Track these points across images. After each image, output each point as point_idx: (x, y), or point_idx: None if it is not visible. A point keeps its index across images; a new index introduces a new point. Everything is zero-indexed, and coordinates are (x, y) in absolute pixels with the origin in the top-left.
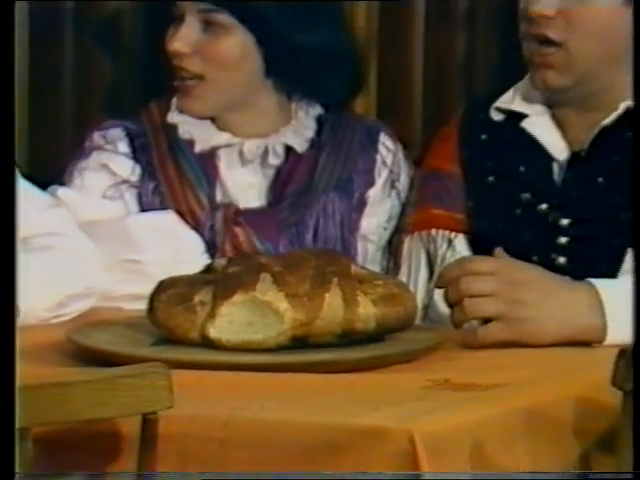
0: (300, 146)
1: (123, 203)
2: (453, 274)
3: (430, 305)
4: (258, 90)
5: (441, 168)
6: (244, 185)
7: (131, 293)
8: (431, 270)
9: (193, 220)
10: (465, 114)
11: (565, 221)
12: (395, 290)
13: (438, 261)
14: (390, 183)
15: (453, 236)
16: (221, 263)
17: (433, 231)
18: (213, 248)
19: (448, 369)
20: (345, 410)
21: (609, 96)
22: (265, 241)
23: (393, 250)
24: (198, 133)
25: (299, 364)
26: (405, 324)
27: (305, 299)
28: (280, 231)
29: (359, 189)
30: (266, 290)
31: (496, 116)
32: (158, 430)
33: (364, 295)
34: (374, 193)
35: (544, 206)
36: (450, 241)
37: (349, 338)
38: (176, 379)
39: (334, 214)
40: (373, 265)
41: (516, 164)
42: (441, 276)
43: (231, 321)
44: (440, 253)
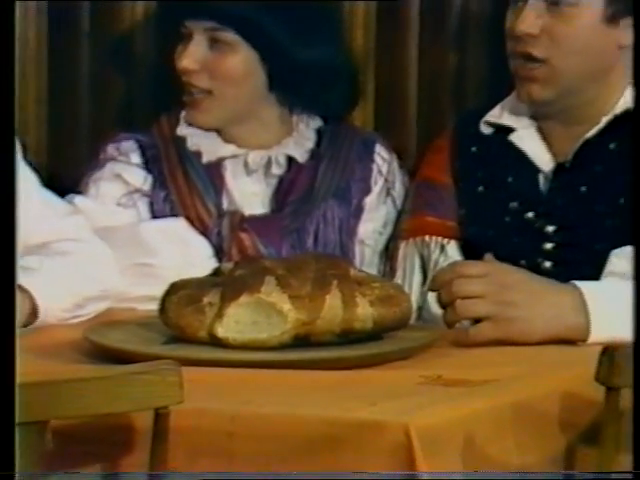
0: (301, 157)
1: (136, 211)
2: (446, 277)
3: (424, 306)
4: (262, 104)
5: (434, 178)
6: (249, 194)
7: (144, 295)
8: (425, 274)
9: (201, 226)
10: (456, 128)
11: (550, 228)
12: (391, 292)
13: (431, 265)
14: (386, 191)
15: (446, 242)
16: (228, 266)
17: (427, 237)
18: (220, 252)
19: (441, 366)
20: (344, 405)
21: (591, 110)
22: (269, 246)
23: (389, 255)
24: (205, 145)
25: (301, 361)
26: (401, 324)
27: (307, 300)
28: (283, 236)
29: (356, 197)
30: (270, 292)
31: (485, 130)
32: (169, 423)
33: (362, 296)
34: (370, 200)
35: (531, 214)
36: (443, 247)
37: (348, 337)
38: (186, 375)
39: (333, 220)
40: (370, 268)
41: (504, 175)
42: (434, 279)
43: (237, 321)
44: (433, 258)
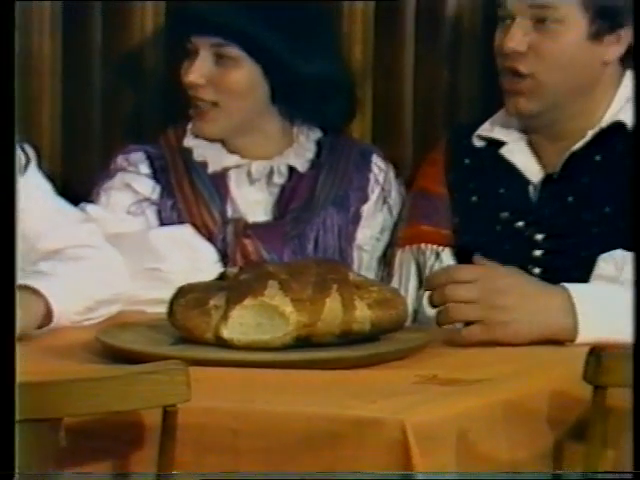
0: (302, 166)
1: (144, 218)
2: (439, 279)
3: (419, 309)
4: (264, 116)
5: (429, 189)
6: (252, 202)
7: (153, 298)
8: (420, 279)
9: (207, 233)
10: (450, 141)
11: (539, 236)
12: (388, 295)
13: (427, 271)
14: (382, 199)
15: (440, 249)
16: (233, 271)
17: (422, 245)
18: (225, 258)
19: (436, 366)
20: (344, 403)
21: (577, 124)
22: (271, 251)
23: (387, 261)
24: (211, 155)
25: (302, 361)
26: (397, 325)
27: (308, 303)
28: (284, 242)
29: (355, 205)
30: (273, 295)
31: (478, 143)
32: (177, 421)
33: (360, 300)
34: (368, 208)
35: (521, 223)
36: (437, 254)
37: (347, 338)
38: (193, 375)
39: (333, 227)
40: (368, 272)
41: (496, 186)
42: (428, 280)
43: (242, 323)
44: (428, 264)
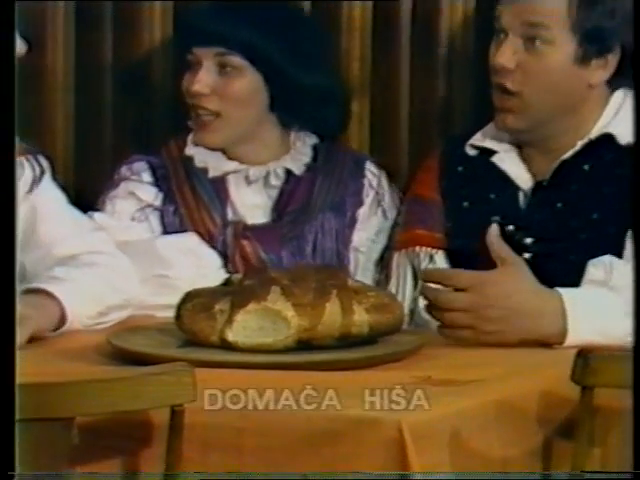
0: (298, 169)
1: (148, 224)
2: (434, 276)
3: (415, 310)
4: (264, 124)
5: (424, 195)
6: (251, 205)
7: (162, 303)
8: (416, 281)
9: (208, 236)
10: (444, 149)
11: (529, 240)
12: (385, 300)
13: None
14: (376, 203)
15: (434, 252)
16: (238, 277)
17: (417, 248)
18: (225, 259)
19: (430, 367)
20: (342, 402)
21: (565, 138)
22: (269, 252)
23: (384, 264)
24: (211, 161)
25: (303, 363)
26: (394, 329)
27: (309, 308)
28: (282, 244)
29: (350, 209)
30: (276, 300)
31: (470, 151)
32: (184, 420)
33: (359, 304)
34: (363, 212)
35: (511, 227)
36: (432, 257)
37: (346, 341)
38: (199, 376)
39: (330, 230)
40: (365, 273)
41: (487, 192)
42: (425, 272)
43: (246, 326)
44: (423, 267)
